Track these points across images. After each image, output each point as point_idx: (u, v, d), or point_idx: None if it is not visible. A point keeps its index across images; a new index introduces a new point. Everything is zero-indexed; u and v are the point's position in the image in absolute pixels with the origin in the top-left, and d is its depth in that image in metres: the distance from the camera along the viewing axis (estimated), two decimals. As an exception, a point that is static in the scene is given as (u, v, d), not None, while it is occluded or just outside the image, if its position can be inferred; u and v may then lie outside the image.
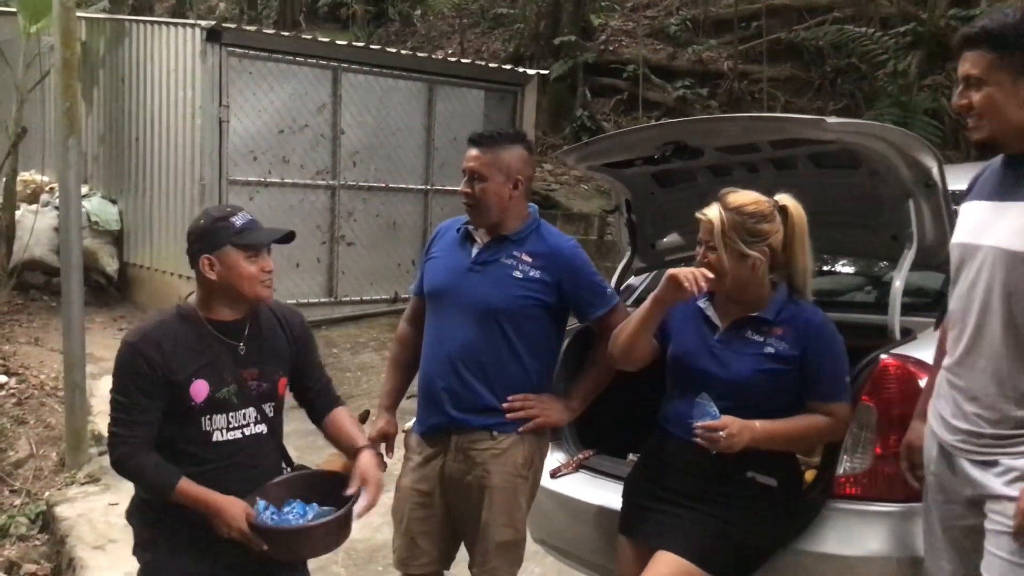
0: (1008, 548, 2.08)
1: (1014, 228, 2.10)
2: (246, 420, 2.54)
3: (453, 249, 2.93)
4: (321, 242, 8.89)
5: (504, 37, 16.15)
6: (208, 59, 8.04)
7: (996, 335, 2.13)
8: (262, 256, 2.50)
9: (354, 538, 4.68)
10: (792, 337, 2.52)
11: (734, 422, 2.42)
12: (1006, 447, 2.13)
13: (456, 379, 2.81)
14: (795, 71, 12.84)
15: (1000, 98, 2.12)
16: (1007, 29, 2.11)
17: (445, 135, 9.39)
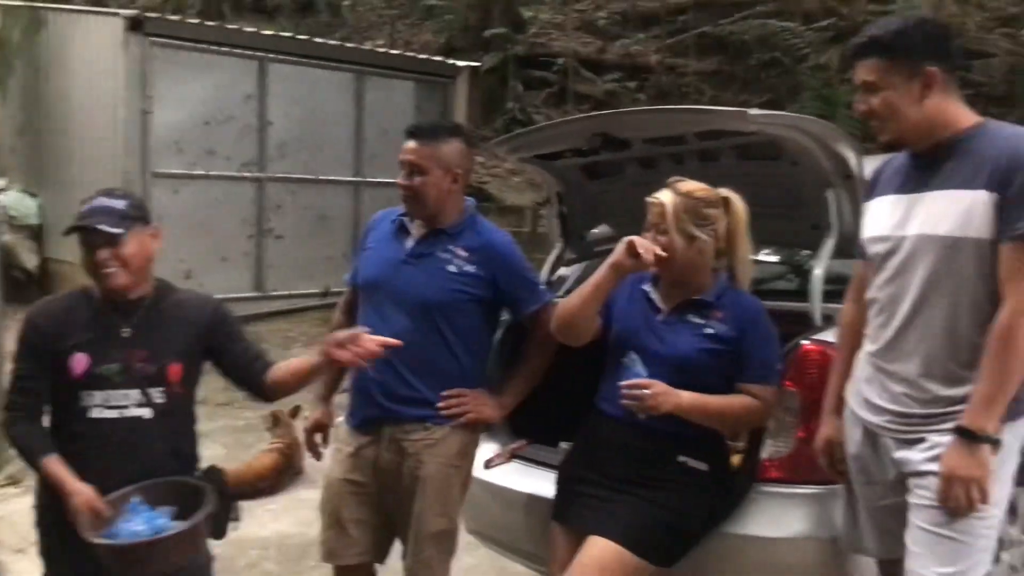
0: (932, 520, 2.18)
1: (935, 215, 2.21)
2: (126, 401, 2.53)
3: (387, 241, 2.91)
4: (248, 235, 8.78)
5: (435, 29, 16.09)
6: (130, 49, 7.88)
7: (928, 318, 2.23)
8: (93, 248, 2.47)
9: (286, 534, 4.72)
10: (731, 320, 2.59)
11: (660, 384, 2.48)
12: (932, 424, 2.23)
13: (390, 371, 2.78)
14: (721, 65, 13.10)
15: (896, 101, 2.24)
16: (894, 36, 2.26)
17: (375, 127, 9.34)
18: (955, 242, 2.17)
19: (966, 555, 2.16)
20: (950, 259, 2.19)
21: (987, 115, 2.30)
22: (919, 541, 2.21)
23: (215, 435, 6.41)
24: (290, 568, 4.37)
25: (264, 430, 5.97)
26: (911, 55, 2.23)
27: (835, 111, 10.02)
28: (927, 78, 2.22)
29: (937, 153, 2.27)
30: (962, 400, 2.19)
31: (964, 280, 2.19)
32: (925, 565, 2.18)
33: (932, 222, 2.21)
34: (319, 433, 3.02)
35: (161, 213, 8.13)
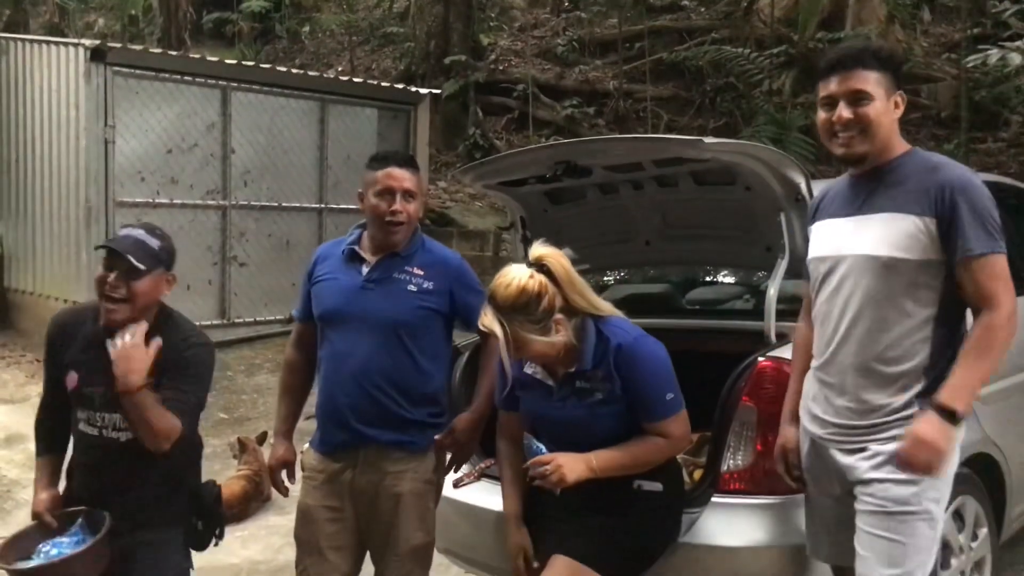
0: (878, 524, 2.30)
1: (873, 238, 2.35)
2: (105, 423, 2.68)
3: (341, 270, 2.97)
4: (212, 263, 8.74)
5: (395, 55, 16.20)
6: (92, 79, 7.83)
7: (861, 332, 2.36)
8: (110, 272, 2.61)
9: (256, 560, 4.74)
10: (610, 376, 2.56)
11: (562, 455, 2.51)
12: (873, 434, 2.36)
13: (362, 396, 2.85)
14: (677, 90, 13.33)
15: (882, 113, 2.37)
16: (886, 54, 2.41)
17: (338, 154, 9.39)
18: (893, 262, 2.31)
19: (910, 556, 2.28)
20: (886, 278, 2.32)
21: (933, 138, 2.45)
22: (866, 545, 2.33)
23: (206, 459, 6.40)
24: (261, 593, 4.39)
25: (231, 457, 5.98)
26: (895, 75, 2.39)
27: (788, 135, 10.26)
28: (899, 99, 2.40)
29: (876, 176, 2.41)
30: (899, 410, 2.33)
31: (898, 297, 2.32)
32: (872, 568, 2.29)
33: (871, 243, 2.35)
34: (284, 469, 3.05)
35: (124, 242, 8.13)
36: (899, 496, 2.30)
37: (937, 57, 12.99)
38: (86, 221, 7.97)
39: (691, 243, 3.51)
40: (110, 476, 2.71)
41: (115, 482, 2.71)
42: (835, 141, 2.41)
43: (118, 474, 2.71)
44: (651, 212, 3.50)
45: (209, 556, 4.79)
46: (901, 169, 2.38)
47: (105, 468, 2.71)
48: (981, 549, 3.24)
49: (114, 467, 2.70)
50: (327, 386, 2.93)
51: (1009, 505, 3.43)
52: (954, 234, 2.27)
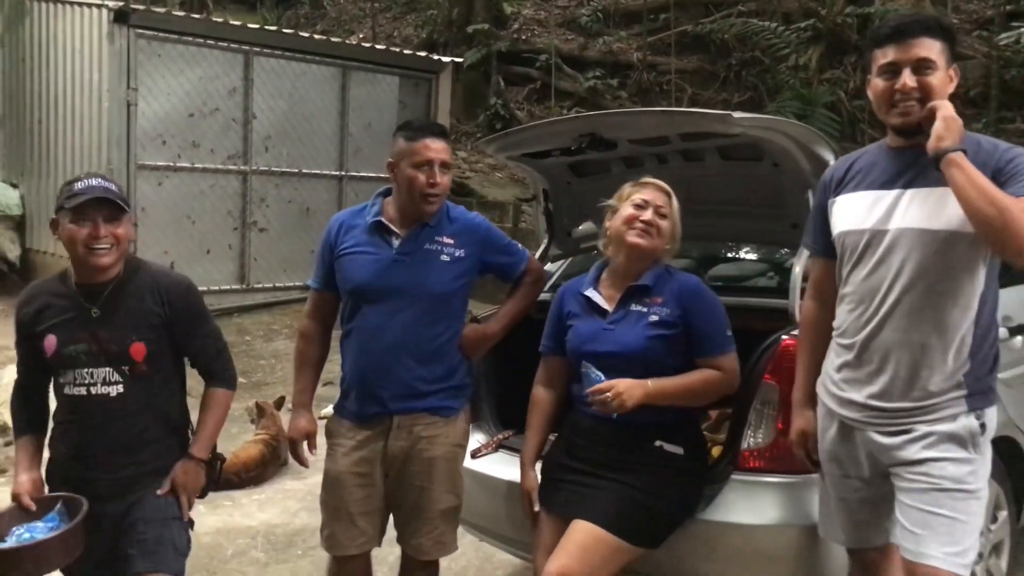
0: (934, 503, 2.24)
1: (929, 212, 2.27)
2: (93, 379, 2.66)
3: (370, 242, 2.95)
4: (232, 228, 8.80)
5: (417, 23, 16.11)
6: (116, 41, 7.86)
7: (912, 308, 2.29)
8: (94, 222, 2.58)
9: (273, 523, 4.78)
10: (671, 302, 2.70)
11: (621, 382, 2.58)
12: (923, 415, 2.29)
13: (398, 368, 2.86)
14: (702, 63, 13.18)
15: (944, 83, 2.30)
16: (945, 22, 2.35)
17: (359, 121, 9.39)
18: (952, 236, 2.24)
19: (967, 534, 2.23)
20: (942, 252, 2.25)
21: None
22: (919, 522, 2.25)
23: (200, 426, 6.46)
24: (277, 556, 4.43)
25: (248, 421, 6.03)
26: (952, 48, 2.32)
27: (814, 111, 10.15)
28: (953, 73, 2.33)
29: (920, 150, 2.30)
30: (950, 390, 2.27)
31: (948, 272, 2.26)
32: (929, 545, 2.22)
33: (924, 216, 2.27)
34: (306, 440, 3.05)
35: (145, 205, 8.18)
36: (956, 475, 2.25)
37: (968, 34, 12.75)
38: (108, 183, 8.00)
39: (716, 219, 3.46)
40: (105, 434, 2.68)
41: (111, 439, 2.67)
42: (893, 111, 2.33)
43: (114, 430, 2.68)
44: (676, 187, 3.44)
45: (226, 518, 4.90)
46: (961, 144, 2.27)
47: (99, 427, 2.68)
48: (1000, 532, 3.22)
49: (109, 424, 2.67)
50: (360, 359, 2.93)
51: (1030, 489, 3.41)
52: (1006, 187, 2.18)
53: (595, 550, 2.57)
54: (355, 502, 2.92)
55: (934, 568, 2.20)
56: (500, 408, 3.52)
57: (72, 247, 2.61)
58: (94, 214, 2.58)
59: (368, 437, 2.92)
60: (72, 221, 2.58)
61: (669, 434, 2.70)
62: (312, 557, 4.35)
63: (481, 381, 3.49)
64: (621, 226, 2.78)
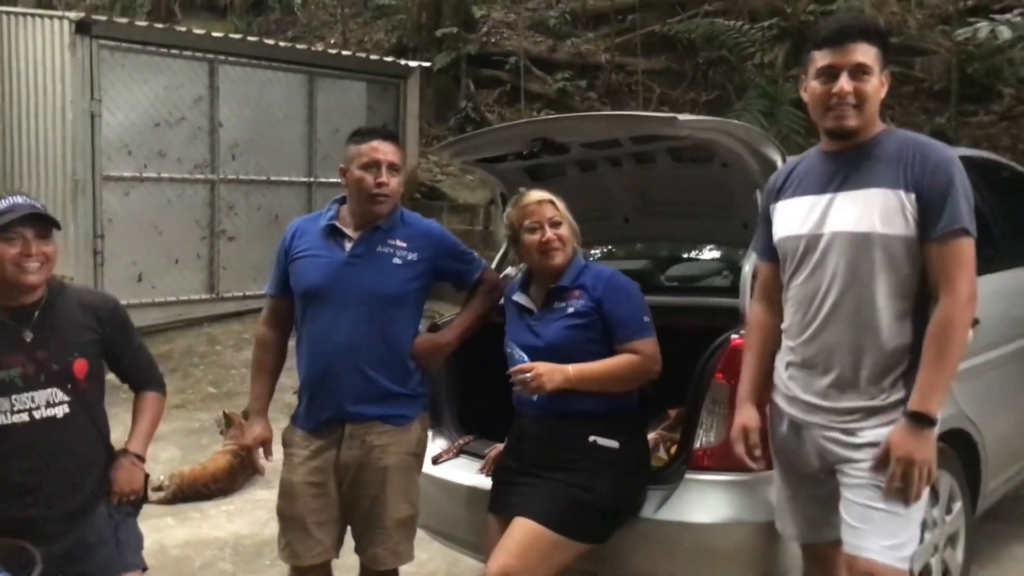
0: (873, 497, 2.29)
1: (858, 214, 2.32)
2: (35, 403, 2.57)
3: (323, 246, 2.97)
4: (201, 237, 8.73)
5: (387, 28, 16.08)
6: (78, 52, 7.78)
7: (849, 310, 2.34)
8: (24, 239, 2.53)
9: (241, 534, 4.77)
10: (587, 294, 2.78)
11: (542, 364, 2.67)
12: (860, 416, 2.34)
13: (348, 372, 2.86)
14: (669, 63, 13.23)
15: (877, 88, 2.35)
16: (884, 31, 2.39)
17: (327, 127, 9.34)
18: (873, 238, 2.29)
19: (905, 528, 2.28)
20: (872, 254, 2.30)
21: (925, 111, 2.41)
22: (860, 517, 2.30)
23: (171, 437, 6.43)
24: (245, 567, 4.42)
25: (218, 432, 6.00)
26: (886, 53, 2.36)
27: (780, 108, 10.21)
28: (886, 77, 2.37)
29: (859, 151, 2.38)
30: (888, 391, 2.32)
31: (880, 274, 2.30)
32: (870, 539, 2.27)
33: (850, 219, 2.33)
34: (261, 447, 3.06)
35: (111, 216, 8.12)
36: None
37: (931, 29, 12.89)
38: (73, 195, 7.94)
39: (669, 220, 3.51)
40: (51, 464, 2.59)
41: (59, 468, 2.60)
42: (829, 114, 2.36)
43: (62, 457, 2.61)
44: (630, 189, 3.50)
45: (195, 529, 4.88)
46: (884, 145, 2.35)
47: (45, 455, 2.58)
48: (955, 523, 3.27)
49: (56, 450, 2.60)
50: (312, 363, 2.93)
51: (984, 480, 3.46)
52: (935, 210, 2.25)
53: (534, 547, 2.60)
54: (310, 512, 2.92)
55: (872, 560, 2.26)
56: (461, 413, 3.54)
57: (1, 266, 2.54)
58: (23, 232, 2.53)
59: (321, 447, 2.92)
60: (3, 241, 2.51)
61: (603, 428, 2.75)
62: (280, 568, 4.31)
63: (442, 386, 3.50)
64: (529, 252, 2.89)
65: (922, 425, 2.24)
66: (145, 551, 2.89)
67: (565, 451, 2.76)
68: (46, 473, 2.57)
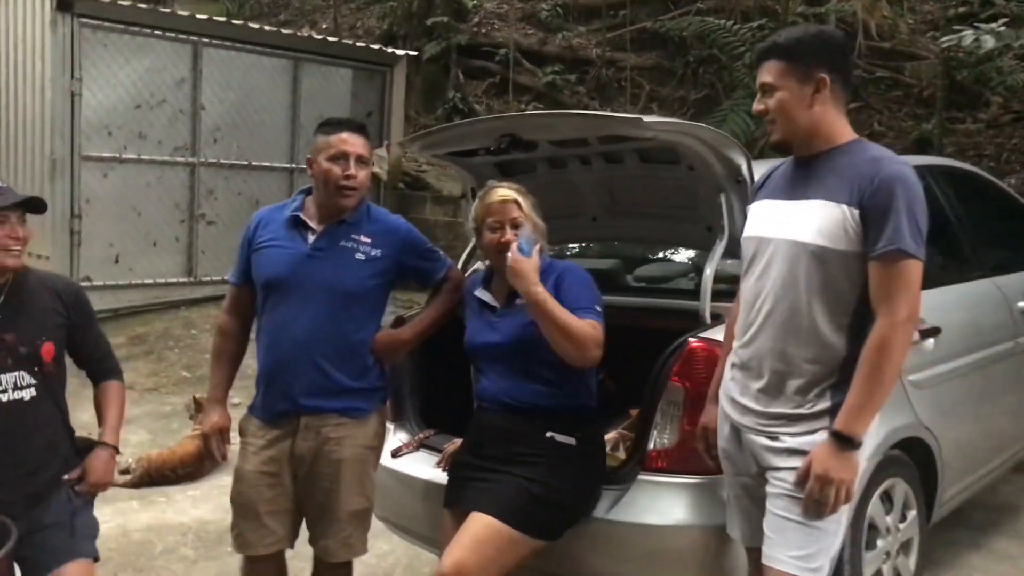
0: (785, 508, 2.32)
1: (802, 224, 2.34)
2: (2, 386, 2.59)
3: (285, 237, 2.95)
4: (180, 220, 8.71)
5: (379, 14, 16.01)
6: (59, 29, 7.73)
7: (781, 318, 2.36)
8: (9, 223, 2.58)
9: (205, 520, 4.76)
10: (549, 287, 2.74)
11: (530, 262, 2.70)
12: (786, 424, 2.36)
13: (305, 364, 2.86)
14: (660, 60, 13.22)
15: (788, 103, 2.36)
16: (793, 42, 2.38)
17: (311, 113, 9.29)
18: (817, 250, 2.30)
19: (815, 539, 2.29)
20: (810, 265, 2.31)
21: (913, 116, 2.41)
22: (773, 527, 2.35)
23: (141, 420, 6.41)
24: (207, 554, 4.41)
25: (188, 417, 5.98)
26: (806, 60, 2.35)
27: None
28: (819, 84, 2.34)
29: (814, 163, 2.39)
30: (814, 401, 2.33)
31: (814, 285, 2.31)
32: (778, 549, 2.32)
33: (798, 229, 2.34)
34: (219, 435, 3.06)
35: (90, 197, 8.08)
36: None
37: (922, 35, 12.93)
38: (51, 174, 7.89)
39: (636, 220, 3.51)
40: (17, 446, 2.61)
41: (25, 450, 2.61)
42: None
43: (27, 439, 2.63)
44: (598, 188, 3.50)
45: (158, 514, 4.87)
46: (839, 158, 2.35)
47: (11, 438, 2.60)
48: (909, 530, 3.29)
49: (23, 433, 2.63)
50: (269, 354, 2.93)
51: (941, 488, 3.48)
52: (876, 228, 2.23)
53: (489, 541, 2.60)
54: (263, 502, 2.92)
55: (779, 571, 2.30)
56: (423, 407, 3.54)
57: None
58: (9, 215, 2.58)
59: (276, 436, 2.92)
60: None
61: (561, 425, 2.76)
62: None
63: (404, 380, 3.50)
64: (488, 250, 2.88)
65: (844, 446, 2.23)
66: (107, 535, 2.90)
67: (522, 446, 2.76)
68: (10, 455, 2.58)
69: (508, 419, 2.80)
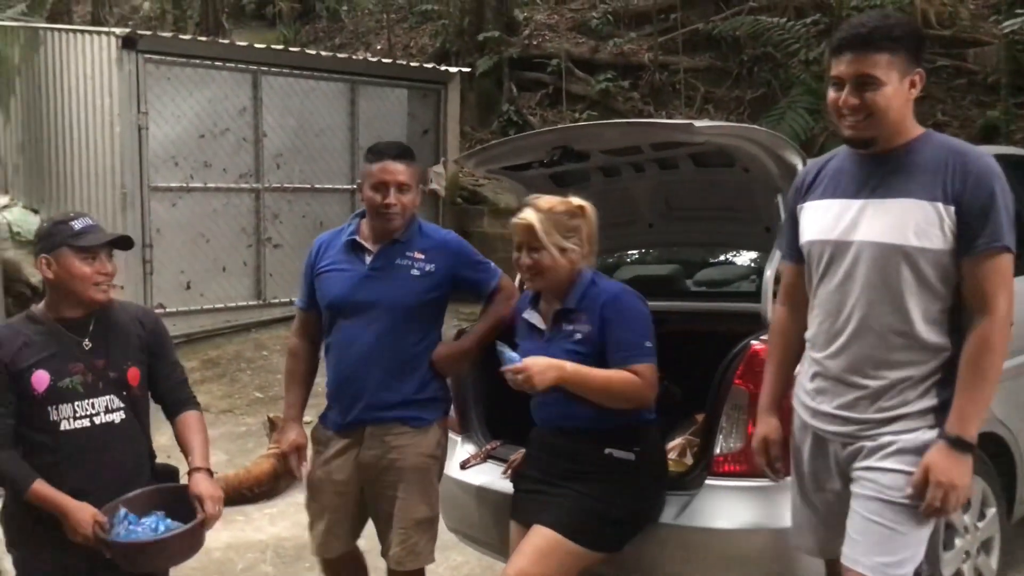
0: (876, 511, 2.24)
1: (890, 224, 2.23)
2: (95, 409, 2.68)
3: (345, 260, 3.09)
4: (247, 245, 8.91)
5: (431, 32, 16.19)
6: (124, 66, 7.99)
7: (877, 323, 2.26)
8: (100, 259, 2.67)
9: (282, 537, 4.86)
10: (590, 316, 2.72)
11: (535, 363, 2.62)
12: (887, 424, 2.27)
13: (369, 379, 3.00)
14: (713, 61, 13.11)
15: (892, 98, 2.20)
16: (901, 32, 2.21)
17: (369, 135, 9.42)
18: (913, 251, 2.20)
19: (905, 546, 2.22)
20: (898, 267, 2.22)
21: (978, 104, 2.29)
22: (860, 529, 2.26)
23: (217, 441, 6.56)
24: (286, 570, 4.51)
25: (264, 436, 6.12)
26: (911, 53, 2.22)
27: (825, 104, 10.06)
28: (915, 79, 2.22)
29: (892, 157, 2.26)
30: (917, 400, 2.24)
31: (912, 287, 2.22)
32: (864, 553, 2.23)
33: (886, 230, 2.23)
34: (296, 453, 3.17)
35: (159, 226, 8.32)
36: (898, 484, 2.23)
37: (984, 20, 12.60)
38: (122, 206, 8.15)
39: (693, 224, 3.51)
40: (106, 466, 2.69)
41: (115, 470, 2.70)
42: (843, 122, 2.27)
43: (117, 460, 2.72)
44: (653, 194, 3.51)
45: (238, 532, 4.98)
46: (921, 152, 2.23)
47: (102, 458, 2.69)
48: (989, 529, 3.22)
49: (113, 452, 2.72)
50: (336, 370, 3.09)
51: (1020, 484, 3.39)
52: (976, 225, 2.16)
53: (551, 554, 2.64)
54: (333, 508, 3.08)
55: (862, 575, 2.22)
56: (489, 419, 3.57)
57: (73, 283, 2.65)
58: (99, 252, 2.69)
59: (345, 446, 3.07)
60: (80, 259, 2.64)
61: (619, 441, 2.75)
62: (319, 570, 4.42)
63: (469, 392, 3.55)
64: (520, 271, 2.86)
65: (961, 450, 2.18)
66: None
67: (581, 463, 2.76)
68: (99, 476, 2.67)
69: (566, 439, 2.80)
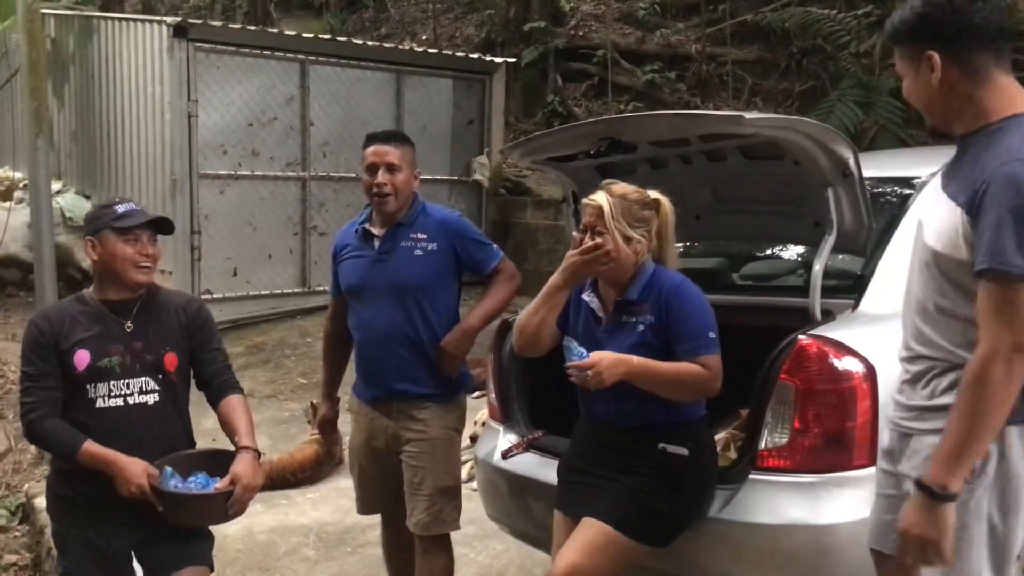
0: None
1: (933, 222, 2.16)
2: (129, 390, 2.79)
3: (358, 247, 3.31)
4: (293, 233, 9.02)
5: (476, 23, 16.19)
6: (175, 55, 8.12)
7: (923, 324, 2.19)
8: (141, 242, 2.78)
9: (325, 521, 4.92)
10: (653, 308, 2.70)
11: (603, 358, 2.59)
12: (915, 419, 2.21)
13: (389, 357, 3.21)
14: (762, 53, 12.94)
15: (913, 87, 2.19)
16: (897, 24, 2.19)
17: (414, 124, 9.49)
18: (929, 253, 2.15)
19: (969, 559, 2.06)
20: (928, 268, 2.16)
21: None
22: None
23: (261, 426, 6.61)
24: (328, 554, 4.57)
25: (306, 421, 6.19)
26: (913, 41, 2.15)
27: (876, 97, 9.91)
28: (929, 63, 2.11)
29: (964, 143, 2.13)
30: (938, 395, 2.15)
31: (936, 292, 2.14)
32: None
33: (929, 227, 2.18)
34: (328, 425, 3.57)
35: (208, 213, 8.45)
36: None
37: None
38: (172, 193, 8.30)
39: (741, 217, 3.47)
40: (140, 445, 2.74)
41: (148, 449, 2.75)
42: None
43: (151, 440, 2.79)
44: (701, 186, 3.47)
45: (281, 516, 5.05)
46: (977, 145, 2.06)
47: (136, 437, 2.75)
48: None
49: (147, 432, 2.79)
50: (360, 351, 3.34)
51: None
52: (977, 240, 1.96)
53: (602, 547, 2.63)
54: (370, 471, 3.40)
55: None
56: (531, 408, 3.57)
57: (115, 264, 2.78)
58: (141, 234, 2.79)
59: (376, 416, 3.32)
60: (123, 241, 2.76)
61: (672, 436, 2.72)
62: (361, 555, 4.48)
63: (511, 381, 3.55)
64: None
65: (933, 499, 1.97)
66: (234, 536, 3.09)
67: (635, 457, 2.74)
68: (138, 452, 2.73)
69: (617, 433, 2.77)
